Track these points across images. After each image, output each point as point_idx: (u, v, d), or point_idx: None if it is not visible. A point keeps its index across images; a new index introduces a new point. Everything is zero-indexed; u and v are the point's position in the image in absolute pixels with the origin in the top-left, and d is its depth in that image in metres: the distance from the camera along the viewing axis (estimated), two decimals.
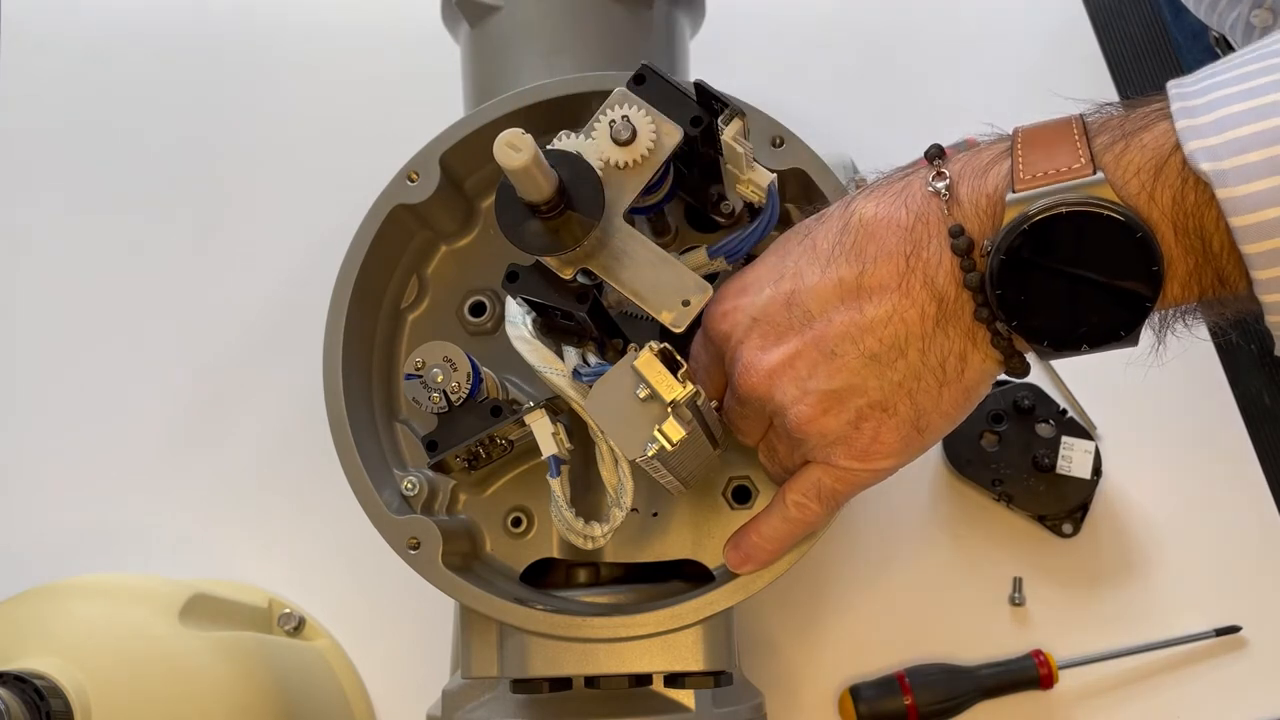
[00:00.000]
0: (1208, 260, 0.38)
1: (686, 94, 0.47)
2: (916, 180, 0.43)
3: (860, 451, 0.44)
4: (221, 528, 0.73)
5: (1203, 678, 0.67)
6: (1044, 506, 0.68)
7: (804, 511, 0.47)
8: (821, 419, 0.44)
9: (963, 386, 0.43)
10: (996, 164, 0.41)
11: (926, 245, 0.41)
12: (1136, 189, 0.38)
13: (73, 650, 0.53)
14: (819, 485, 0.46)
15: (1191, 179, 0.37)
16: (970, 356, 0.42)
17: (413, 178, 0.55)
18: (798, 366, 0.44)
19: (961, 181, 0.42)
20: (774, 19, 0.83)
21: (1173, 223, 0.38)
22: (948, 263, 0.41)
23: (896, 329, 0.42)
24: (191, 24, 0.86)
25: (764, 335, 0.45)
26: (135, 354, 0.77)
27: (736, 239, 0.49)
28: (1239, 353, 0.73)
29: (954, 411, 0.44)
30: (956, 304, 0.41)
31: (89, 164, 0.83)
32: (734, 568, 0.50)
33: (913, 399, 0.43)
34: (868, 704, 0.65)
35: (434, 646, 0.65)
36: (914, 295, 0.42)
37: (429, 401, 0.49)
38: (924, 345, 0.42)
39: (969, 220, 0.41)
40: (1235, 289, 0.38)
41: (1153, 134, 0.38)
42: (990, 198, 0.41)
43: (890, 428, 0.44)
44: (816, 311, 0.43)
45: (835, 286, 0.43)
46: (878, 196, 0.44)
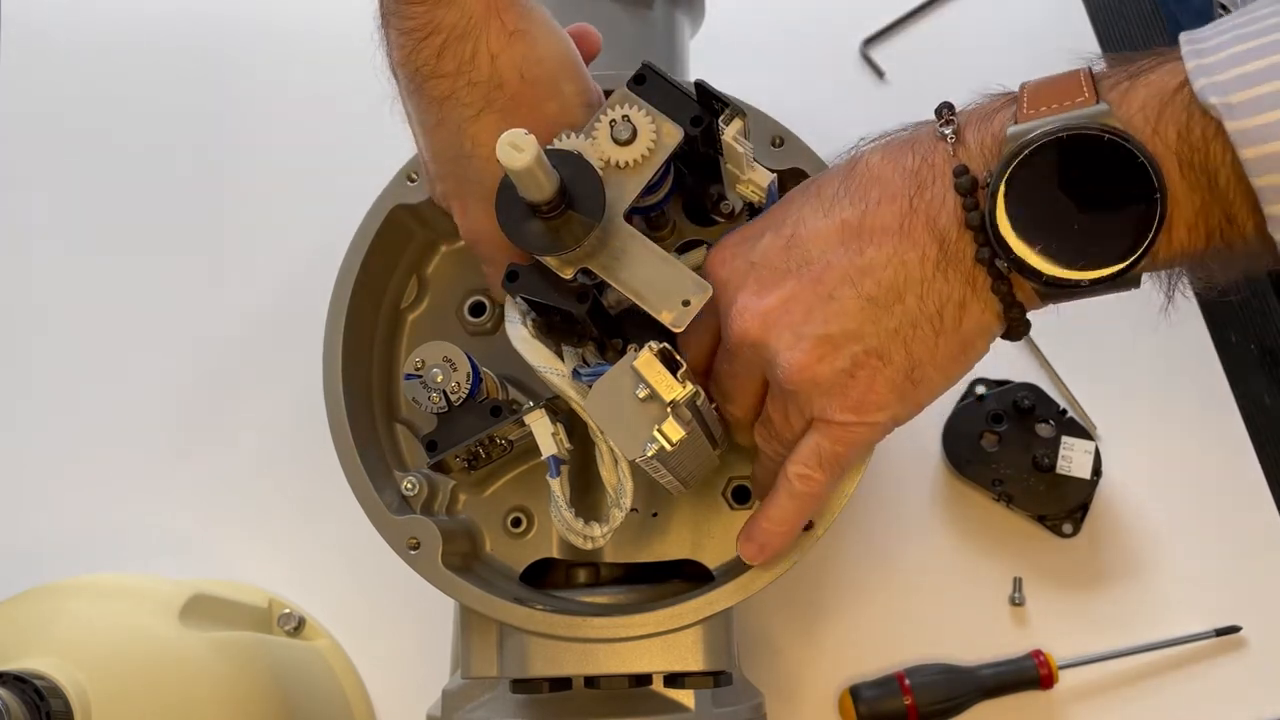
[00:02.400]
0: (1214, 198, 0.38)
1: (687, 94, 0.47)
2: (924, 129, 0.43)
3: (855, 403, 0.43)
4: (221, 528, 0.73)
5: (1203, 678, 0.67)
6: (1044, 506, 0.68)
7: (808, 483, 0.46)
8: (815, 366, 0.43)
9: (960, 337, 0.42)
10: (1003, 109, 0.42)
11: (930, 185, 0.41)
12: (1141, 123, 0.38)
13: (73, 650, 0.53)
14: (819, 450, 0.45)
15: (1197, 114, 0.37)
16: (969, 304, 0.42)
17: (413, 178, 0.55)
18: (793, 310, 0.43)
19: (968, 126, 0.42)
20: (774, 19, 0.84)
21: (1178, 157, 0.38)
22: (951, 203, 0.41)
23: (896, 272, 0.42)
24: (192, 24, 0.86)
25: (760, 280, 0.44)
26: (135, 354, 0.77)
27: None
28: (1239, 353, 0.73)
29: (949, 365, 0.43)
30: (958, 245, 0.41)
31: (89, 164, 0.83)
32: (750, 559, 0.49)
33: (908, 347, 0.42)
34: (868, 704, 0.65)
35: (434, 646, 0.65)
36: (915, 237, 0.41)
37: (429, 401, 0.49)
38: (922, 290, 0.42)
39: (974, 160, 0.41)
40: (1243, 231, 0.38)
41: (1158, 74, 0.39)
42: (995, 137, 0.41)
43: (884, 377, 0.43)
44: (815, 254, 0.43)
45: (837, 229, 0.43)
46: (885, 146, 0.44)
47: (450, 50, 0.45)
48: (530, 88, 0.46)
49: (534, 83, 0.46)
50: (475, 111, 0.46)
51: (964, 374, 0.44)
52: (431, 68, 0.45)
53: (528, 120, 0.46)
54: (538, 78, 0.46)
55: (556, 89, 0.47)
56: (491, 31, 0.45)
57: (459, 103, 0.46)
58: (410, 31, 0.45)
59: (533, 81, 0.46)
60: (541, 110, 0.46)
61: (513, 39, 0.45)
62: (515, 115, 0.46)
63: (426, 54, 0.45)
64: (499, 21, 0.45)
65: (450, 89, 0.45)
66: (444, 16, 0.44)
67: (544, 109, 0.47)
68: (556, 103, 0.47)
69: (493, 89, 0.45)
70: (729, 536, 0.54)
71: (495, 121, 0.46)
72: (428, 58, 0.45)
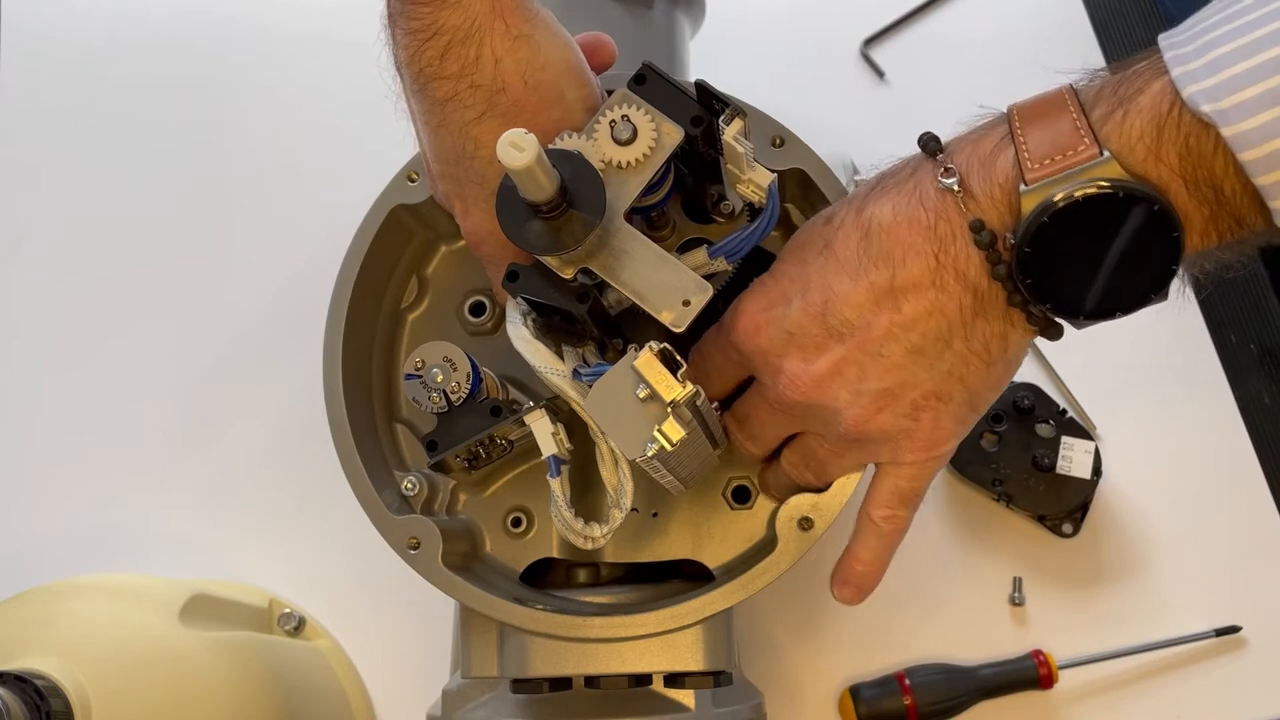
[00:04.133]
0: (1221, 207, 0.39)
1: (687, 94, 0.47)
2: (925, 176, 0.43)
3: (925, 442, 0.46)
4: (221, 528, 0.73)
5: (1203, 678, 0.67)
6: (1044, 506, 0.68)
7: (894, 522, 0.48)
8: (877, 417, 0.45)
9: (1006, 360, 0.45)
10: (1001, 151, 0.42)
11: (953, 242, 0.42)
12: (1143, 154, 0.39)
13: (73, 650, 0.53)
14: (897, 491, 0.47)
15: (1195, 129, 0.38)
16: (1010, 335, 0.44)
17: (413, 178, 0.55)
18: (847, 373, 0.45)
19: (970, 175, 0.42)
20: (774, 19, 0.84)
21: (1183, 178, 0.38)
22: (976, 257, 0.42)
23: (938, 322, 0.43)
24: (192, 25, 0.86)
25: (804, 348, 0.45)
26: (136, 354, 0.77)
27: (737, 238, 0.49)
28: (1239, 353, 0.73)
29: (1000, 381, 0.46)
30: (990, 293, 0.43)
31: (88, 164, 0.83)
32: (849, 602, 0.51)
33: (964, 382, 0.45)
34: (868, 704, 0.65)
35: (434, 646, 0.65)
36: (949, 289, 0.43)
37: (429, 401, 0.49)
38: (966, 333, 0.43)
39: (986, 213, 0.42)
40: (1253, 227, 0.39)
41: (1148, 95, 0.39)
42: (1003, 188, 0.41)
43: (948, 413, 0.45)
44: (854, 319, 0.44)
45: (868, 291, 0.44)
46: (890, 197, 0.44)
47: (454, 52, 0.45)
48: (533, 93, 0.46)
49: (537, 88, 0.46)
50: (477, 114, 0.46)
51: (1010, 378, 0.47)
52: (435, 69, 0.45)
53: (529, 126, 0.46)
54: (541, 83, 0.46)
55: (560, 96, 0.47)
56: (496, 35, 0.45)
57: (461, 105, 0.46)
58: (415, 32, 0.45)
59: (535, 87, 0.46)
60: (544, 116, 0.47)
61: (517, 43, 0.45)
62: (517, 120, 0.46)
63: (430, 55, 0.45)
64: (503, 25, 0.45)
65: (453, 91, 0.45)
66: (448, 18, 0.44)
67: (546, 115, 0.47)
68: (560, 109, 0.47)
69: (495, 93, 0.45)
70: (729, 536, 0.54)
71: (497, 125, 0.46)
72: (431, 59, 0.45)
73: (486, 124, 0.46)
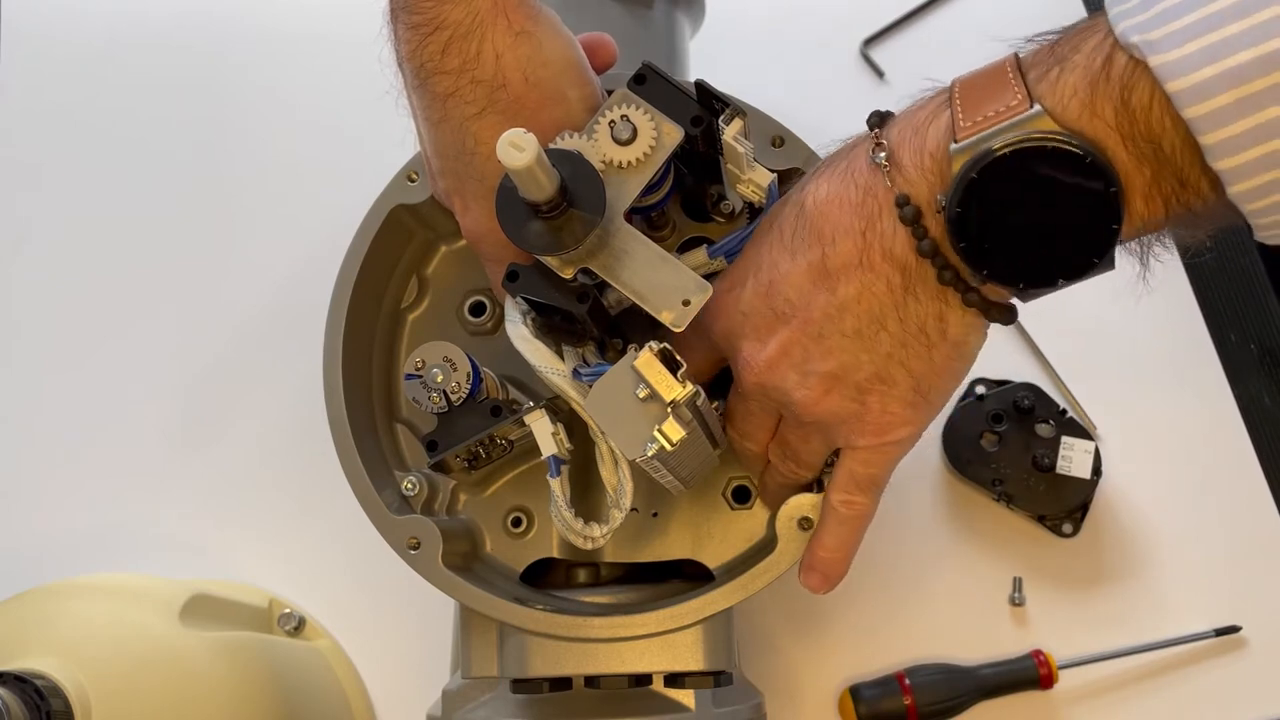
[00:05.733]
0: (1163, 165, 0.37)
1: (687, 94, 0.47)
2: (860, 152, 0.43)
3: (875, 426, 0.45)
4: (221, 528, 0.73)
5: (1203, 678, 0.67)
6: (1044, 506, 0.68)
7: (852, 507, 0.48)
8: (825, 399, 0.45)
9: (950, 344, 0.43)
10: (935, 119, 0.41)
11: (879, 218, 0.42)
12: (1077, 110, 0.38)
13: (73, 650, 0.53)
14: (854, 476, 0.47)
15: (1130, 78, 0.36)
16: (948, 316, 0.42)
17: (413, 178, 0.55)
18: (792, 353, 0.44)
19: (902, 146, 0.42)
20: (774, 19, 0.84)
21: (1119, 133, 0.37)
22: (901, 233, 0.41)
23: (869, 304, 0.42)
24: (192, 25, 0.86)
25: (755, 328, 0.45)
26: (136, 354, 0.77)
27: (737, 238, 0.49)
28: (1239, 353, 0.73)
29: (949, 369, 0.44)
30: (919, 271, 0.42)
31: (88, 164, 0.83)
32: (816, 589, 0.50)
33: (906, 366, 0.43)
34: (868, 704, 0.65)
35: (434, 646, 0.65)
36: (877, 268, 0.42)
37: (429, 401, 0.49)
38: (900, 314, 0.42)
39: (915, 185, 0.41)
40: (1198, 190, 0.37)
41: (1083, 52, 0.38)
42: (933, 155, 0.41)
43: (895, 397, 0.44)
44: (795, 299, 0.44)
45: (806, 271, 0.43)
46: (827, 176, 0.44)
47: (455, 47, 0.45)
48: (534, 90, 0.46)
49: (537, 85, 0.46)
50: (478, 110, 0.46)
51: (968, 369, 0.45)
52: (436, 64, 0.45)
53: (529, 123, 0.46)
54: (541, 80, 0.46)
55: (560, 93, 0.47)
56: (498, 30, 0.45)
57: (462, 100, 0.46)
58: (417, 26, 0.45)
59: (536, 84, 0.46)
60: (544, 114, 0.47)
61: (518, 40, 0.45)
62: (517, 117, 0.46)
63: (432, 49, 0.45)
64: (505, 21, 0.45)
65: (454, 86, 0.45)
66: (450, 13, 0.44)
67: (547, 113, 0.47)
68: (561, 107, 0.47)
69: (496, 88, 0.45)
70: (729, 536, 0.54)
71: (497, 121, 0.46)
72: (433, 53, 0.45)
73: (487, 120, 0.46)
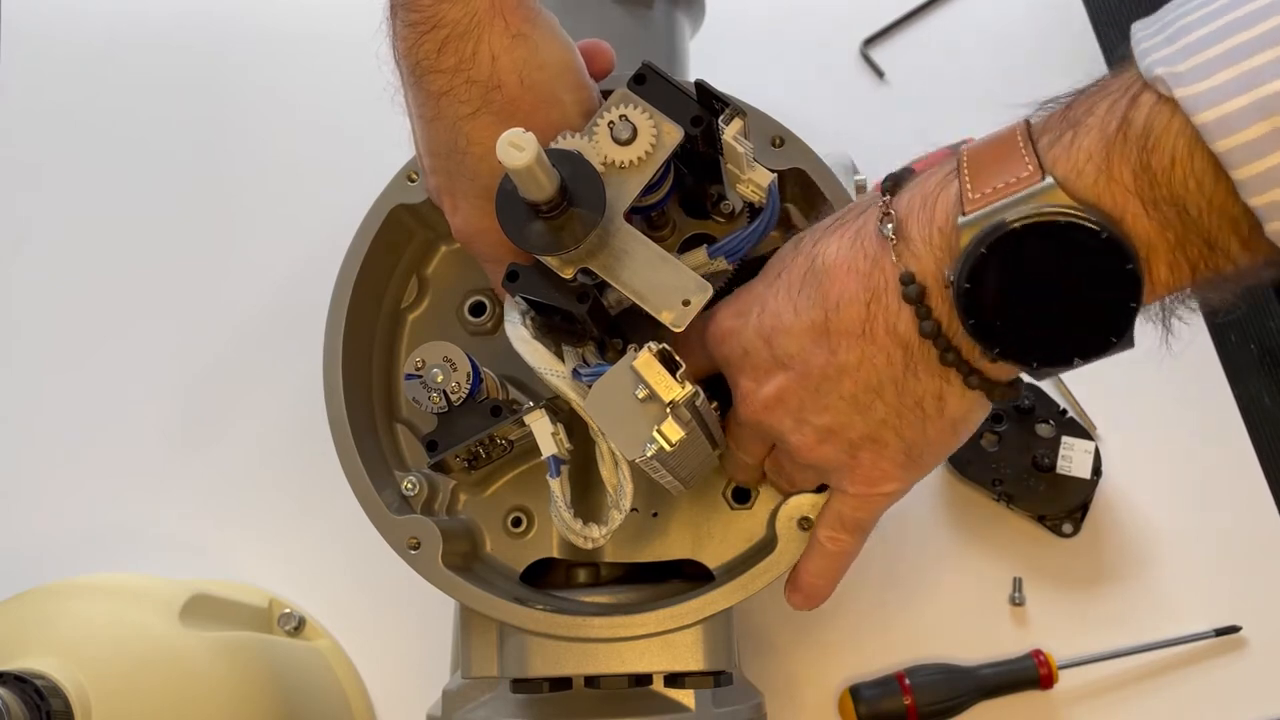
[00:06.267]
0: (1188, 229, 0.35)
1: (687, 93, 0.47)
2: (870, 219, 0.42)
3: (864, 478, 0.46)
4: (221, 528, 0.73)
5: (1203, 678, 0.67)
6: (1044, 506, 0.68)
7: (837, 543, 0.48)
8: (819, 448, 0.45)
9: (946, 420, 0.43)
10: (944, 189, 0.40)
11: (884, 292, 0.41)
12: (1093, 176, 0.36)
13: (73, 650, 0.53)
14: (841, 517, 0.48)
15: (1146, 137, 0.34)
16: (947, 395, 0.42)
17: (413, 178, 0.55)
18: (789, 401, 0.45)
19: (910, 218, 0.40)
20: (774, 19, 0.84)
21: (1139, 197, 0.35)
22: (906, 312, 0.41)
23: (868, 374, 0.42)
24: (192, 25, 0.86)
25: (755, 368, 0.46)
26: (136, 354, 0.77)
27: (736, 238, 0.49)
28: (1239, 353, 0.73)
29: (943, 440, 0.44)
30: (920, 350, 0.41)
31: (88, 164, 0.83)
32: (800, 608, 0.51)
33: (899, 434, 0.44)
34: (868, 704, 0.65)
35: (434, 646, 0.65)
36: (879, 342, 0.42)
37: (429, 401, 0.49)
38: (898, 388, 0.42)
39: (921, 260, 0.40)
40: (1228, 252, 0.35)
41: (1097, 114, 0.36)
42: (942, 230, 0.39)
43: (886, 457, 0.45)
44: (795, 351, 0.44)
45: (808, 329, 0.43)
46: (838, 236, 0.43)
47: (451, 46, 0.45)
48: (528, 92, 0.46)
49: (532, 88, 0.46)
50: (472, 110, 0.46)
51: (963, 440, 0.45)
52: (431, 62, 0.45)
53: (523, 125, 0.46)
54: (537, 83, 0.46)
55: (555, 97, 0.47)
56: (495, 31, 0.45)
57: (456, 99, 0.46)
58: (415, 24, 0.45)
59: (531, 87, 0.46)
60: (539, 116, 0.46)
61: (515, 41, 0.45)
62: (511, 119, 0.46)
63: (428, 48, 0.45)
64: (503, 22, 0.45)
65: (448, 85, 0.45)
66: (448, 12, 0.44)
67: (542, 115, 0.47)
68: (555, 111, 0.47)
69: (491, 89, 0.45)
70: (729, 536, 0.54)
71: (490, 122, 0.46)
72: (429, 51, 0.45)
73: (480, 120, 0.46)
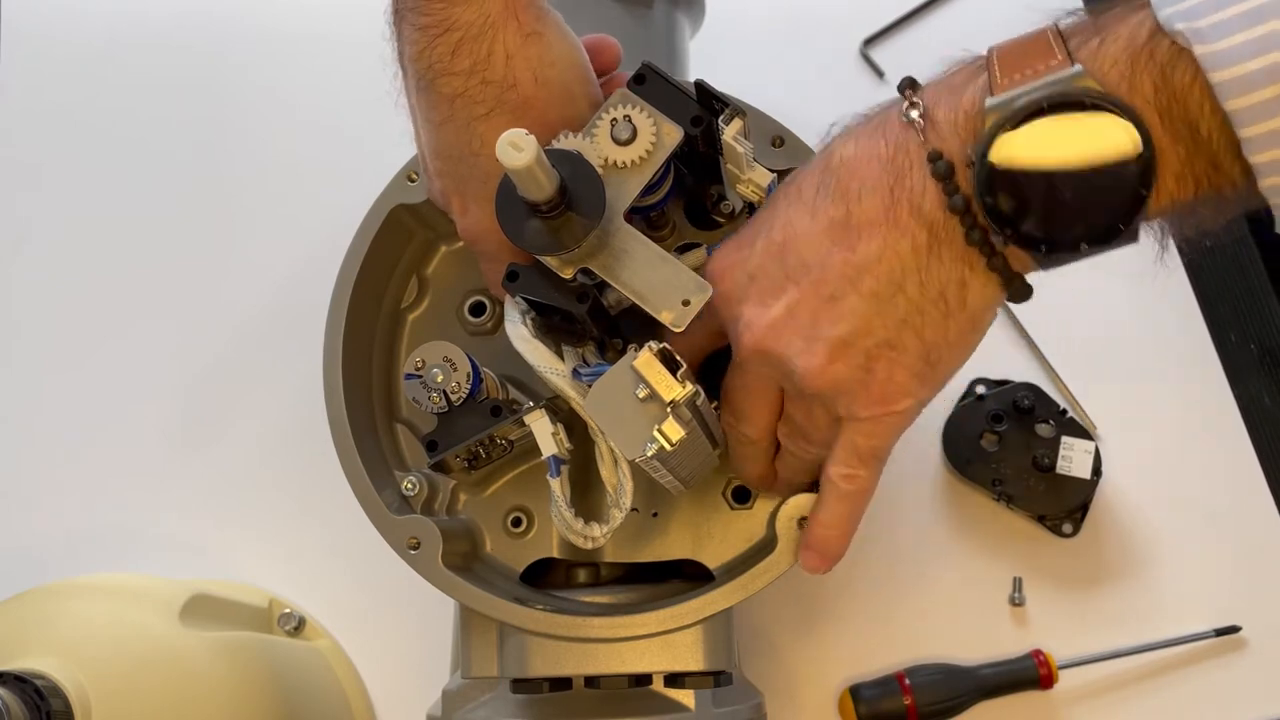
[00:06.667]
0: (1198, 147, 0.37)
1: (687, 94, 0.47)
2: (893, 112, 0.42)
3: (878, 396, 0.44)
4: (221, 528, 0.73)
5: (1203, 678, 0.67)
6: (1044, 506, 0.68)
7: (853, 481, 0.46)
8: (830, 367, 0.43)
9: (968, 315, 0.42)
10: (972, 80, 0.41)
11: (909, 173, 0.41)
12: (1116, 79, 0.37)
13: (73, 650, 0.53)
14: (855, 448, 0.45)
15: (1171, 58, 0.36)
16: (970, 282, 0.41)
17: (413, 178, 0.56)
18: (800, 316, 0.43)
19: (937, 105, 0.41)
20: (774, 19, 0.83)
21: (1157, 109, 0.37)
22: (931, 189, 0.40)
23: (891, 264, 0.41)
24: (192, 25, 0.86)
25: (761, 290, 0.44)
26: (135, 354, 0.77)
27: None
28: (1239, 353, 0.73)
29: (962, 341, 0.43)
30: (946, 229, 0.41)
31: (88, 164, 0.83)
32: (814, 570, 0.49)
33: (919, 334, 0.42)
34: (868, 704, 0.65)
35: (434, 646, 0.65)
36: (903, 225, 0.41)
37: (429, 401, 0.49)
38: (921, 277, 0.41)
39: (948, 141, 0.40)
40: (1230, 176, 0.37)
41: (1126, 25, 0.38)
42: (968, 113, 0.40)
43: (903, 365, 0.43)
44: (811, 258, 0.43)
45: (826, 229, 0.42)
46: (856, 135, 0.43)
47: (465, 48, 0.45)
48: (543, 89, 0.46)
49: (546, 85, 0.46)
50: (486, 110, 0.46)
51: (978, 343, 0.44)
52: (445, 65, 0.45)
53: (538, 122, 0.46)
54: (550, 80, 0.46)
55: (568, 93, 0.47)
56: (508, 31, 0.45)
57: (471, 100, 0.46)
58: (426, 28, 0.45)
59: (545, 84, 0.46)
60: (552, 113, 0.47)
61: (528, 40, 0.45)
62: (526, 116, 0.46)
63: (441, 51, 0.45)
64: (516, 22, 0.45)
65: (463, 87, 0.45)
66: (461, 14, 0.44)
67: (556, 112, 0.47)
68: (569, 107, 0.47)
69: (506, 89, 0.45)
70: (729, 536, 0.54)
71: (506, 121, 0.46)
72: (441, 54, 0.45)
73: (495, 120, 0.46)
